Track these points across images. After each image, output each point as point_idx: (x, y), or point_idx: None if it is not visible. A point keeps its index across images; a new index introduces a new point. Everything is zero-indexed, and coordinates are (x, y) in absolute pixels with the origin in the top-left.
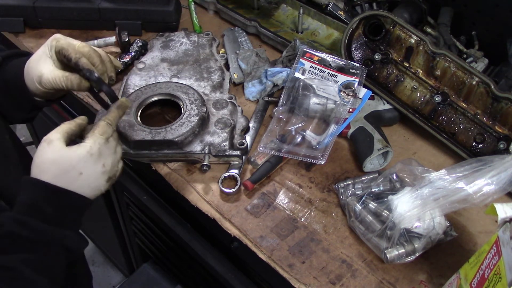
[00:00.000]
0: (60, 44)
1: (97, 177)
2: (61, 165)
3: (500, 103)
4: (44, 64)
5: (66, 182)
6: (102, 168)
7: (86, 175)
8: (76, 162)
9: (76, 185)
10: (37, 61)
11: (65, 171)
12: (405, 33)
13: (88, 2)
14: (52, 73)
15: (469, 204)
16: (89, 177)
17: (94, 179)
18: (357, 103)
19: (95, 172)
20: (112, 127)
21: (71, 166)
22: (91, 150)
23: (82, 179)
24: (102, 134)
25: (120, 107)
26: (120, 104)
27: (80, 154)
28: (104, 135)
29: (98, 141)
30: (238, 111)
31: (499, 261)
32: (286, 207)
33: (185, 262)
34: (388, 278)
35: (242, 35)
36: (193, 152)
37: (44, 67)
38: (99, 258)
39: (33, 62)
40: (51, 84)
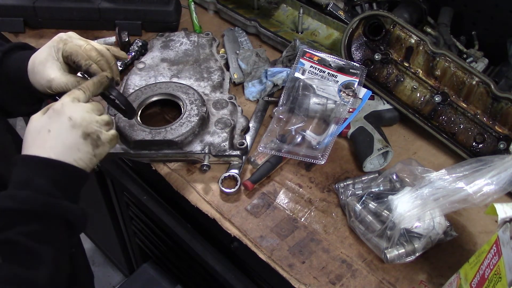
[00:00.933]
0: (68, 48)
1: (67, 132)
2: (35, 130)
3: (500, 103)
4: (51, 69)
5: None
6: (69, 121)
7: (54, 131)
8: (44, 122)
9: (49, 145)
10: (44, 64)
11: (38, 134)
12: (405, 33)
13: (88, 2)
14: (62, 78)
15: (469, 204)
16: (59, 134)
17: (65, 135)
18: (357, 103)
19: (62, 126)
20: (82, 91)
21: (41, 127)
22: (54, 107)
23: (52, 136)
24: (68, 95)
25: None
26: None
27: (47, 114)
28: (71, 95)
29: (62, 99)
30: (238, 111)
31: (499, 261)
32: (286, 207)
33: (185, 262)
34: (388, 278)
35: (242, 35)
36: (193, 152)
37: (53, 72)
38: (99, 258)
39: (39, 64)
40: (63, 88)
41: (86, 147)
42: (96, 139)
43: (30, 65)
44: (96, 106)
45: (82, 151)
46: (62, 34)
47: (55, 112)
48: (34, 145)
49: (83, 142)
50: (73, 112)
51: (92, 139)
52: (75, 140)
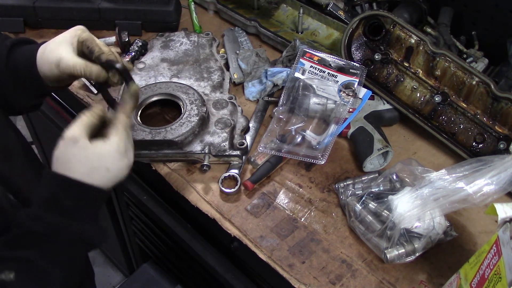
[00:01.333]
0: (84, 36)
1: (123, 171)
2: (90, 163)
3: (500, 103)
4: (64, 49)
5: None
6: (128, 162)
7: (114, 170)
8: (104, 159)
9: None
10: (57, 46)
11: (94, 168)
12: (405, 33)
13: (88, 2)
14: (72, 59)
15: (469, 204)
16: (116, 172)
17: (120, 173)
18: (357, 103)
19: (121, 167)
20: (130, 118)
21: (99, 163)
22: (118, 148)
23: (109, 175)
24: (125, 128)
25: (133, 96)
26: (133, 93)
27: (109, 151)
28: (126, 127)
29: (123, 137)
30: (238, 111)
31: (499, 261)
32: (286, 207)
33: (185, 262)
34: (388, 278)
35: (242, 35)
36: (193, 152)
37: (64, 52)
38: (99, 258)
39: (52, 46)
40: (70, 69)
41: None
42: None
43: (40, 50)
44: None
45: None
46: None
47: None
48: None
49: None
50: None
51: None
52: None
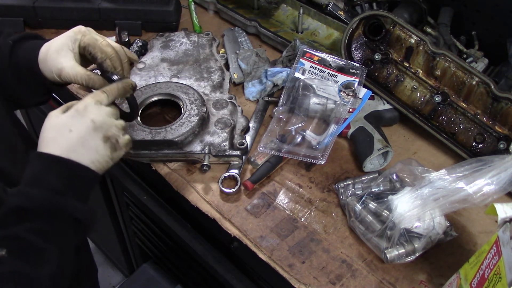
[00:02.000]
0: (86, 40)
1: (88, 134)
2: (54, 128)
3: (500, 103)
4: (65, 58)
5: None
6: (91, 124)
7: (76, 131)
8: (65, 121)
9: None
10: (58, 53)
11: (58, 132)
12: (405, 33)
13: (88, 2)
14: (73, 69)
15: (469, 204)
16: (79, 134)
17: (87, 137)
18: (357, 103)
19: (84, 127)
20: (106, 95)
21: (61, 125)
22: (77, 108)
23: (73, 136)
24: (92, 97)
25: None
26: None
27: (68, 113)
28: (95, 97)
29: (86, 101)
30: (238, 111)
31: (499, 261)
32: (286, 207)
33: (185, 262)
34: (388, 278)
35: (242, 35)
36: (193, 152)
37: (65, 61)
38: (99, 258)
39: (53, 52)
40: (71, 79)
41: (105, 150)
42: (115, 143)
43: (42, 52)
44: (115, 111)
45: (100, 154)
46: (81, 26)
47: (78, 112)
48: (53, 143)
49: (103, 145)
50: (96, 115)
51: (111, 142)
52: (96, 142)
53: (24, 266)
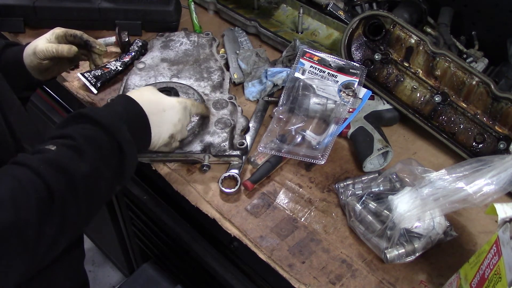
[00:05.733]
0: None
1: (169, 123)
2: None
3: (500, 103)
4: (39, 41)
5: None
6: (176, 122)
7: (166, 114)
8: (166, 101)
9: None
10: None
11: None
12: (405, 33)
13: (88, 2)
14: (44, 44)
15: (469, 204)
16: (166, 119)
17: (166, 123)
18: (357, 103)
19: (171, 118)
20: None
21: (160, 102)
22: (181, 101)
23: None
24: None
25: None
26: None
27: (172, 99)
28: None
29: (186, 101)
30: (238, 111)
31: (499, 261)
32: (286, 207)
33: (185, 262)
34: (388, 278)
35: (242, 35)
36: (193, 152)
37: (39, 42)
38: (99, 258)
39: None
40: (44, 52)
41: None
42: (170, 144)
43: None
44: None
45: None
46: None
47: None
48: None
49: (166, 139)
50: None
51: (170, 142)
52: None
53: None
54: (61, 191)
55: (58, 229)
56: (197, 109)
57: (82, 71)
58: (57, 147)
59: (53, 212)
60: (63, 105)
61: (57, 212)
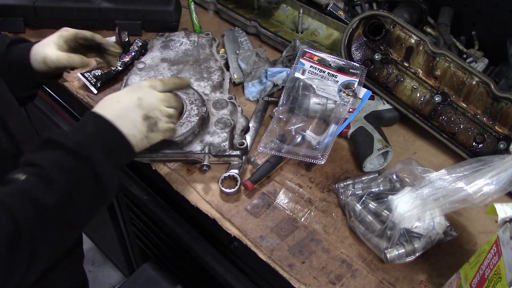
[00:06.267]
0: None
1: (133, 108)
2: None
3: (500, 103)
4: (48, 48)
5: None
6: (137, 100)
7: (123, 102)
8: (118, 94)
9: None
10: (43, 46)
11: (109, 101)
12: (405, 33)
13: (88, 2)
14: (55, 54)
15: (469, 204)
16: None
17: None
18: (357, 103)
19: (129, 101)
20: (162, 83)
21: (114, 97)
22: (131, 85)
23: (119, 106)
24: (148, 81)
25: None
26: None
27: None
28: (150, 82)
29: (141, 83)
30: (238, 111)
31: (499, 261)
32: (286, 207)
33: (185, 262)
34: (388, 278)
35: (242, 35)
36: (193, 152)
37: (49, 50)
38: (99, 258)
39: (39, 46)
40: (55, 63)
41: (142, 126)
42: (153, 124)
43: (33, 49)
44: (167, 98)
45: (137, 129)
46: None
47: (130, 88)
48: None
49: (141, 121)
50: (144, 95)
51: (150, 122)
52: (135, 117)
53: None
54: (29, 224)
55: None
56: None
57: (82, 71)
58: (26, 177)
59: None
60: (63, 105)
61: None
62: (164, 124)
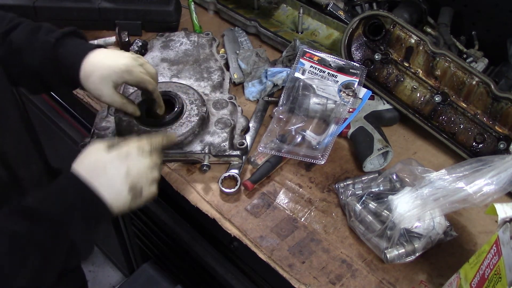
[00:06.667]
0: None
1: (119, 179)
2: (93, 162)
3: (500, 103)
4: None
5: (91, 175)
6: (126, 171)
7: (110, 173)
8: (104, 159)
9: (99, 181)
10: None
11: (94, 165)
12: (405, 33)
13: (88, 2)
14: (111, 97)
15: (469, 204)
16: (111, 176)
17: (116, 180)
18: (357, 103)
19: (118, 172)
20: (150, 146)
21: (99, 161)
22: (119, 151)
23: (105, 176)
24: (137, 144)
25: (167, 136)
26: (168, 134)
27: (111, 154)
28: (139, 146)
29: (130, 146)
30: (238, 111)
31: (499, 261)
32: (286, 207)
33: (185, 262)
34: (388, 278)
35: (242, 35)
36: (193, 152)
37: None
38: (99, 258)
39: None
40: (108, 104)
41: (126, 197)
42: (138, 194)
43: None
44: (154, 163)
45: (121, 200)
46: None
47: (119, 157)
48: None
49: (127, 193)
50: (133, 165)
51: (135, 193)
52: (122, 189)
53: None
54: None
55: None
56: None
57: None
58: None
59: None
60: (63, 105)
61: None
62: (148, 191)
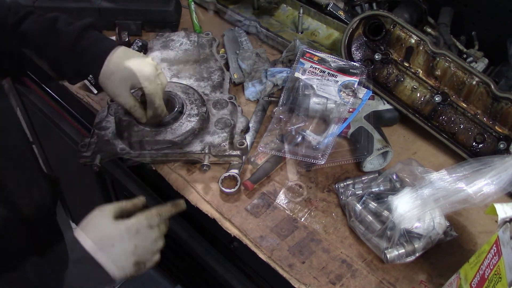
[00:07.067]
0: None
1: (125, 255)
2: (101, 232)
3: (500, 103)
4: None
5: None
6: (133, 249)
7: (117, 248)
8: (113, 233)
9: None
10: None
11: (101, 238)
12: (405, 33)
13: (88, 2)
14: (125, 99)
15: (469, 204)
16: (118, 252)
17: (122, 256)
18: (357, 103)
19: (125, 249)
20: (160, 218)
21: (107, 235)
22: (130, 227)
23: (112, 251)
24: (147, 218)
25: (175, 205)
26: (177, 203)
27: (119, 228)
28: (149, 220)
29: (140, 222)
30: (238, 111)
31: (499, 261)
32: (286, 207)
33: (185, 262)
34: (388, 278)
35: (242, 35)
36: (193, 152)
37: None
38: None
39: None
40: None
41: (130, 270)
42: (142, 267)
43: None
44: (161, 233)
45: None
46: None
47: (128, 233)
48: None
49: (131, 267)
50: (141, 242)
51: (139, 267)
52: (127, 263)
53: None
54: None
55: None
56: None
57: None
58: None
59: None
60: (63, 105)
61: None
62: (152, 262)
